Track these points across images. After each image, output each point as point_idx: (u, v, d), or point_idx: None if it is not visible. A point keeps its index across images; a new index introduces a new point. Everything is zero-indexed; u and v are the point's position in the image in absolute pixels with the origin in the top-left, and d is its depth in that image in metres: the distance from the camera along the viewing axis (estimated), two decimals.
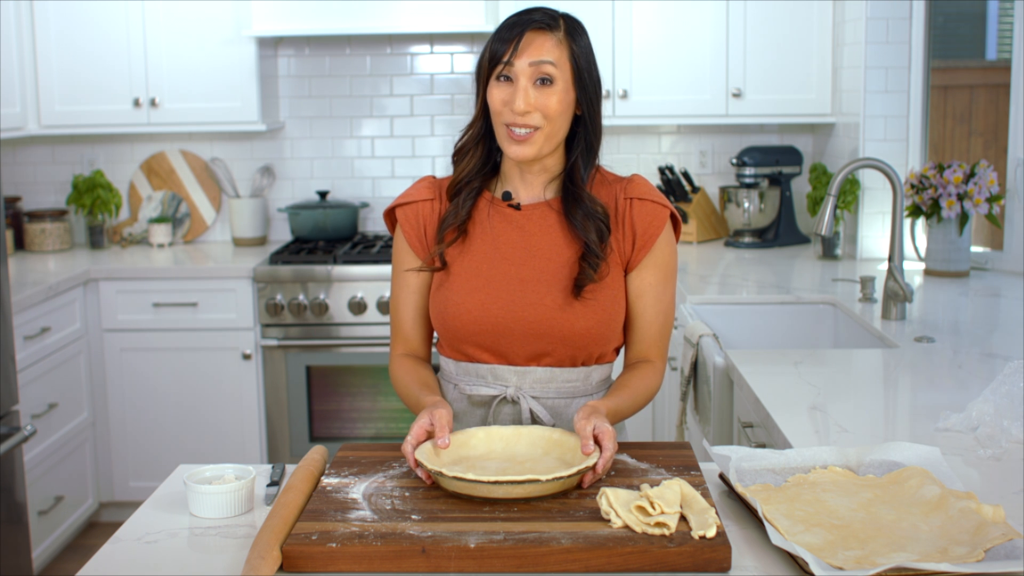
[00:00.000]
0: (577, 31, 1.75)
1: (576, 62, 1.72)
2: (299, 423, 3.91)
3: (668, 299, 1.82)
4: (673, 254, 1.81)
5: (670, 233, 1.80)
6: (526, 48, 1.70)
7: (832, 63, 3.97)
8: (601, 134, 1.80)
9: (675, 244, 1.82)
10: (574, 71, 1.72)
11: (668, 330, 1.83)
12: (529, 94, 1.70)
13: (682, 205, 4.22)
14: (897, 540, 1.32)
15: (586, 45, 1.75)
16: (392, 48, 4.39)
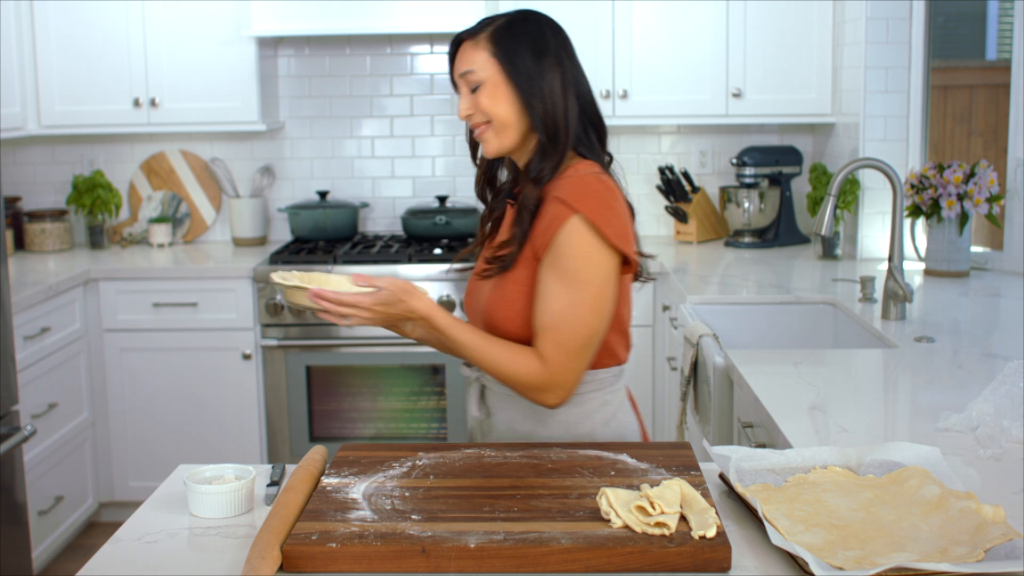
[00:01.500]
0: (503, 30, 1.86)
1: (498, 59, 1.83)
2: (299, 423, 3.91)
3: (561, 302, 1.76)
4: (574, 258, 1.76)
5: (574, 236, 1.76)
6: (458, 62, 1.87)
7: (832, 63, 3.97)
8: (567, 125, 1.83)
9: (582, 246, 1.75)
10: (501, 67, 1.83)
11: (559, 334, 1.76)
12: (464, 102, 1.86)
13: (682, 205, 4.22)
14: (897, 540, 1.32)
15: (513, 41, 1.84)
16: (392, 48, 4.39)
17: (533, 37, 1.86)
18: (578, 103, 1.86)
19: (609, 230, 1.76)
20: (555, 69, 1.84)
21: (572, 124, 1.84)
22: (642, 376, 3.87)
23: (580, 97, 1.86)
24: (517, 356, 1.79)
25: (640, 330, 3.84)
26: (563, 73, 1.85)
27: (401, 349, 3.86)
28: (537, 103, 1.82)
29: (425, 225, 4.16)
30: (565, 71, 1.85)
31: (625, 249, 1.78)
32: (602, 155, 1.90)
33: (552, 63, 1.84)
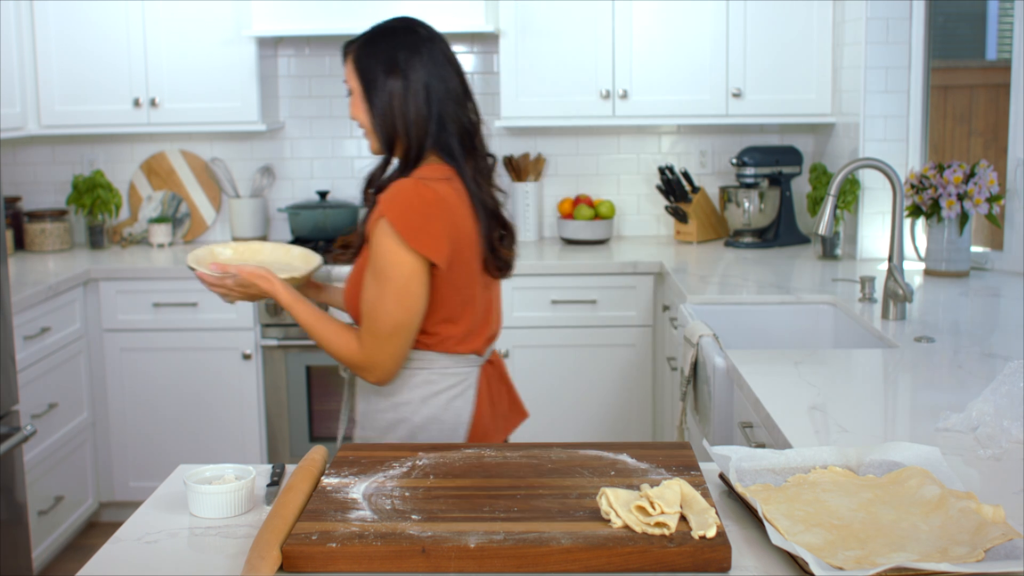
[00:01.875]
0: (363, 46, 2.10)
1: (358, 72, 2.08)
2: (299, 423, 3.91)
3: (370, 294, 1.98)
4: (380, 256, 1.96)
5: (380, 237, 1.96)
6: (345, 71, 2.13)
7: (832, 63, 3.97)
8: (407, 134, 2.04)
9: (386, 246, 1.95)
10: (360, 80, 2.08)
11: (369, 322, 1.99)
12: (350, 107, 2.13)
13: (682, 205, 4.22)
14: (897, 540, 1.32)
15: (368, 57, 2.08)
16: None
17: (386, 52, 2.07)
18: (429, 109, 2.03)
19: (409, 235, 1.94)
20: (399, 81, 2.04)
21: (415, 130, 2.03)
22: (642, 376, 3.87)
23: (436, 103, 2.04)
24: (341, 336, 2.03)
25: (640, 330, 3.85)
26: (409, 83, 2.03)
27: None
28: (378, 114, 2.06)
29: None
30: (411, 81, 2.03)
31: (424, 252, 1.94)
32: (463, 158, 2.06)
33: (397, 76, 2.04)
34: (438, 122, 2.04)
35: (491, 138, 4.72)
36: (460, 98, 2.09)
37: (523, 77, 4.04)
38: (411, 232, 1.94)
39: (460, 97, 2.09)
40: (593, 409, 3.90)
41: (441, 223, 1.97)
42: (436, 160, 2.06)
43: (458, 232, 2.01)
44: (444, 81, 2.06)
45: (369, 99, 2.06)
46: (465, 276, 2.04)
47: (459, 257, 2.01)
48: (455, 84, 2.08)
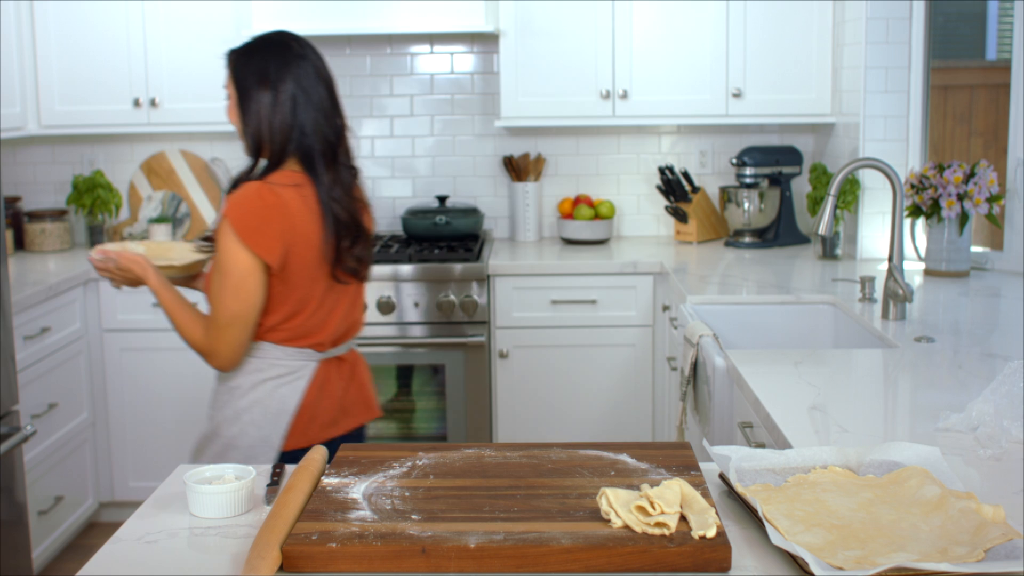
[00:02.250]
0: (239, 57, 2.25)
1: (233, 80, 2.24)
2: None
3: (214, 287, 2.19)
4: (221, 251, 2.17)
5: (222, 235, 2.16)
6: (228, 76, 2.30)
7: (832, 63, 3.97)
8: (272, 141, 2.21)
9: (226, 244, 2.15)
10: (235, 88, 2.24)
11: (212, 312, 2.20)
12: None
13: (682, 205, 4.22)
14: (897, 540, 1.32)
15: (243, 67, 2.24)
16: (392, 48, 4.39)
17: (260, 64, 2.22)
18: (295, 121, 2.20)
19: (246, 234, 2.13)
20: (268, 93, 2.20)
21: (278, 136, 2.20)
22: (642, 376, 3.87)
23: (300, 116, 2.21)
24: (192, 324, 2.23)
25: (640, 330, 3.85)
26: (278, 95, 2.20)
27: (401, 349, 3.86)
28: (249, 122, 2.22)
29: (425, 225, 4.16)
30: (280, 93, 2.20)
31: (258, 252, 2.13)
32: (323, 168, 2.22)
33: (267, 88, 2.20)
34: (301, 132, 2.21)
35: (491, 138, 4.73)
36: (327, 111, 2.25)
37: (523, 77, 4.04)
38: (248, 232, 2.13)
39: (327, 110, 2.25)
40: (593, 409, 3.90)
41: (278, 225, 2.15)
42: (294, 166, 2.23)
43: (295, 236, 2.17)
44: (310, 95, 2.23)
45: (242, 106, 2.23)
46: (303, 277, 2.22)
47: (296, 259, 2.19)
48: (322, 97, 2.25)
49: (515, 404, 3.90)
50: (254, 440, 2.26)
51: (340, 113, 2.29)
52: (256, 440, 2.26)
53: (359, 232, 2.29)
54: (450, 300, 3.80)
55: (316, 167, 2.22)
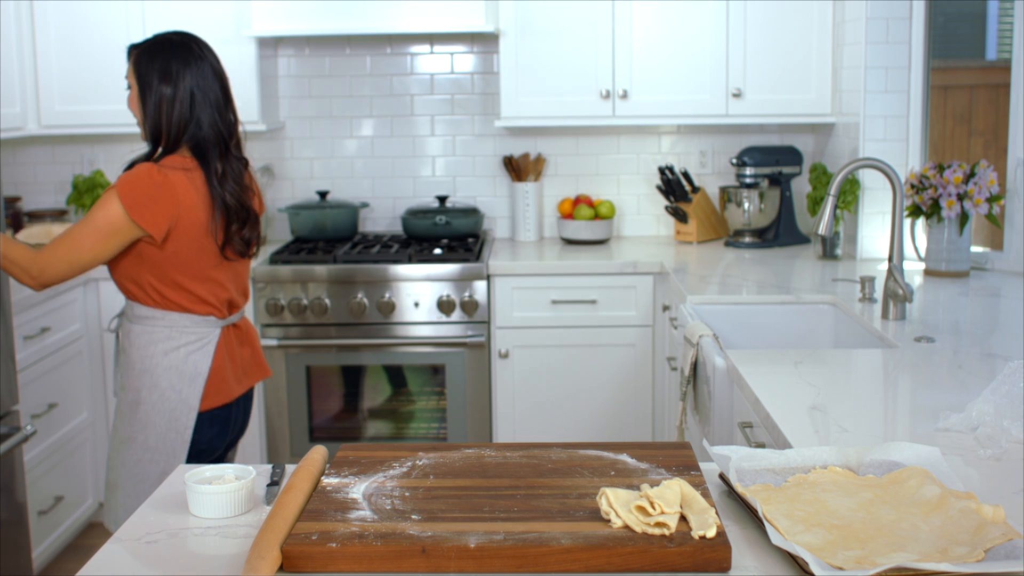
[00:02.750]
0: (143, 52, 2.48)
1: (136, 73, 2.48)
2: (299, 423, 3.91)
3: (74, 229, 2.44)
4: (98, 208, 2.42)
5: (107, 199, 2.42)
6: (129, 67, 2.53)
7: (832, 63, 3.97)
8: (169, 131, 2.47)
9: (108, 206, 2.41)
10: (137, 80, 2.48)
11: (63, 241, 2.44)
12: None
13: (682, 205, 4.22)
14: (897, 540, 1.32)
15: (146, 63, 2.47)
16: (392, 48, 4.39)
17: (160, 62, 2.46)
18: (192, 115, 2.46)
19: (132, 208, 2.39)
20: (169, 89, 2.45)
21: (175, 131, 2.46)
22: (642, 376, 3.87)
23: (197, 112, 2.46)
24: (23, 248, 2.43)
25: (640, 330, 3.85)
26: (177, 91, 2.45)
27: (401, 349, 3.86)
28: (150, 113, 2.48)
29: (425, 225, 4.16)
30: (180, 90, 2.45)
31: (142, 224, 2.39)
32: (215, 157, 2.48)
33: (168, 84, 2.45)
34: (196, 124, 2.46)
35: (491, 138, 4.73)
36: (221, 107, 2.51)
37: (523, 77, 4.04)
38: (134, 206, 2.39)
39: (221, 107, 2.51)
40: (593, 409, 3.90)
41: (164, 204, 2.41)
42: (186, 153, 2.49)
43: (180, 214, 2.43)
44: (207, 92, 2.48)
45: (143, 98, 2.48)
46: (191, 251, 2.47)
47: (181, 234, 2.44)
48: (217, 95, 2.50)
49: (515, 404, 3.90)
50: (174, 403, 2.50)
51: (233, 109, 2.55)
52: (176, 403, 2.50)
53: (248, 216, 2.55)
54: (450, 300, 3.80)
55: (208, 157, 2.48)
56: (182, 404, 2.52)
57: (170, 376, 2.51)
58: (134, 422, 2.52)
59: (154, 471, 2.56)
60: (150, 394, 2.50)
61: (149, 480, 2.56)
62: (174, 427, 2.53)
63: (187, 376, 2.52)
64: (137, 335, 2.52)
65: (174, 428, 2.53)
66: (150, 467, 2.56)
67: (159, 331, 2.51)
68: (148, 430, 2.52)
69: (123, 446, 2.55)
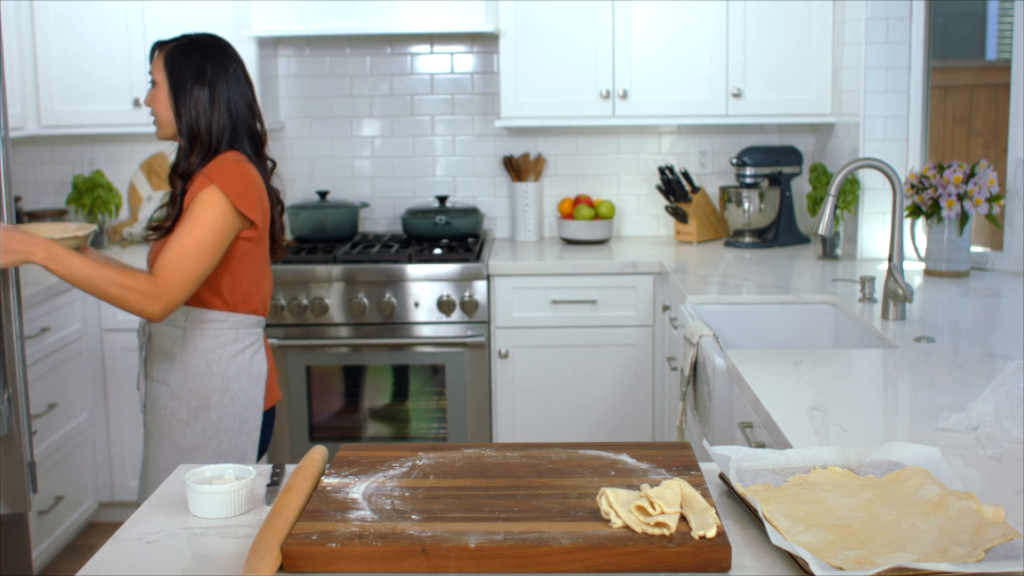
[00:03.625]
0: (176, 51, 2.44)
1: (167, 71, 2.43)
2: (299, 423, 3.91)
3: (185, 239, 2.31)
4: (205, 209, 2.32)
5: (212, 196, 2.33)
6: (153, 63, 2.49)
7: (832, 63, 3.97)
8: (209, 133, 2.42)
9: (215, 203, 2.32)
10: (168, 78, 2.43)
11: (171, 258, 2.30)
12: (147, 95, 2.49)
13: (682, 205, 4.22)
14: (897, 540, 1.32)
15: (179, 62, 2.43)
16: (392, 48, 4.39)
17: (195, 62, 2.43)
18: (230, 118, 2.44)
19: (237, 198, 2.33)
20: (206, 90, 2.42)
21: (216, 132, 2.42)
22: (642, 376, 3.87)
23: (235, 114, 2.45)
24: (129, 273, 2.29)
25: (640, 330, 3.85)
26: (215, 94, 2.43)
27: (401, 349, 3.86)
28: (185, 115, 2.42)
29: (425, 225, 4.16)
30: (217, 92, 2.43)
31: (248, 213, 2.36)
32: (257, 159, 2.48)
33: (204, 85, 2.42)
34: (234, 130, 2.45)
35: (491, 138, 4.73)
36: (254, 112, 2.51)
37: (523, 77, 4.04)
38: (238, 196, 2.34)
39: (254, 111, 2.51)
40: (593, 409, 3.90)
41: (257, 192, 2.40)
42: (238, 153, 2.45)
43: (264, 205, 2.44)
44: (243, 97, 2.48)
45: (176, 98, 2.43)
46: (265, 246, 2.49)
47: (263, 227, 2.44)
48: (251, 100, 2.50)
49: (515, 404, 3.90)
50: (244, 405, 2.47)
51: (260, 116, 2.54)
52: (245, 405, 2.47)
53: (281, 208, 2.59)
54: (450, 300, 3.80)
55: (262, 156, 2.51)
56: (251, 405, 2.49)
57: (240, 378, 2.47)
58: (202, 429, 2.45)
59: None
60: (221, 398, 2.45)
61: None
62: (244, 429, 2.49)
63: (254, 377, 2.50)
64: (198, 339, 2.45)
65: (244, 431, 2.49)
66: None
67: (225, 333, 2.47)
68: (221, 435, 2.46)
69: (188, 456, 2.46)
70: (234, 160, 2.41)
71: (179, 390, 2.46)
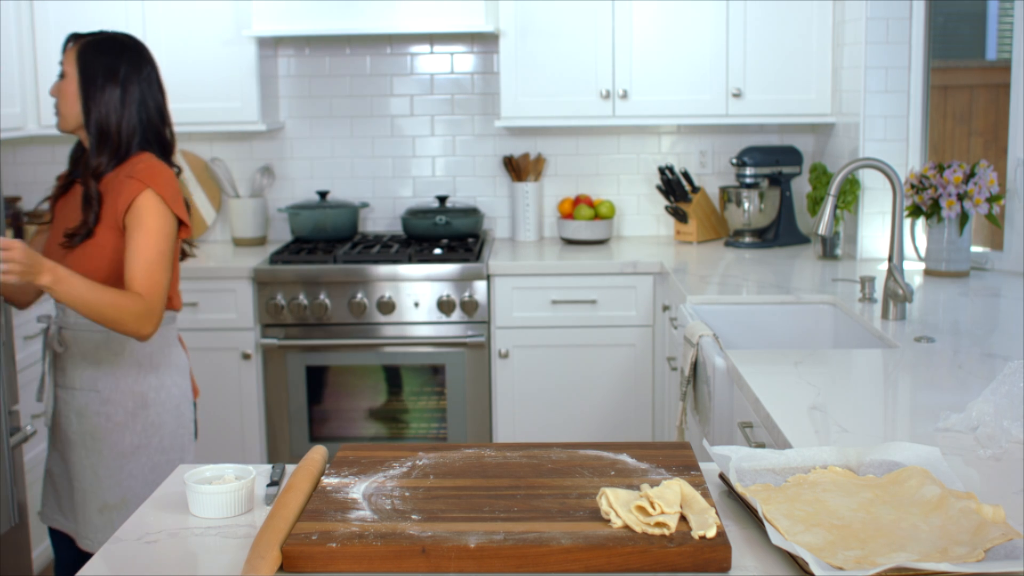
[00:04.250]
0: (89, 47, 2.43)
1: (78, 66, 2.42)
2: (299, 423, 3.92)
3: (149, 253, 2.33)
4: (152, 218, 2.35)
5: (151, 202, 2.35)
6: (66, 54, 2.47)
7: (832, 63, 3.97)
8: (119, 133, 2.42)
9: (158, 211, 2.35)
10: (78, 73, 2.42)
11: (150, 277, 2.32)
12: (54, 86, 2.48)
13: (682, 205, 4.22)
14: (897, 540, 1.32)
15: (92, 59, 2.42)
16: (392, 48, 4.39)
17: (109, 60, 2.43)
18: (140, 121, 2.44)
19: (172, 202, 2.38)
20: (117, 90, 2.42)
21: (125, 132, 2.42)
22: (642, 376, 3.87)
23: (145, 118, 2.45)
24: (124, 297, 2.27)
25: (640, 330, 3.85)
26: (126, 94, 2.43)
27: (401, 349, 3.86)
28: (94, 112, 2.41)
29: (425, 225, 4.16)
30: (129, 93, 2.43)
31: (181, 216, 2.41)
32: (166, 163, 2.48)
33: (116, 84, 2.42)
34: (143, 134, 2.45)
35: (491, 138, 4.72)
36: (164, 118, 2.52)
37: (523, 77, 4.04)
38: (171, 198, 2.38)
39: (164, 118, 2.52)
40: (593, 409, 3.90)
41: (181, 194, 2.45)
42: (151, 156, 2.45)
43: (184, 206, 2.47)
44: (155, 102, 2.49)
45: (85, 94, 2.42)
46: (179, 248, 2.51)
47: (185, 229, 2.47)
48: (162, 106, 2.51)
49: (515, 404, 3.90)
50: (178, 398, 2.52)
51: (170, 123, 2.56)
52: (179, 398, 2.52)
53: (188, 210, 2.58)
54: (450, 300, 3.80)
55: (168, 161, 2.51)
56: (183, 397, 2.55)
57: (171, 372, 2.52)
58: (143, 428, 2.48)
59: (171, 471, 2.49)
60: (157, 394, 2.49)
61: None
62: (181, 422, 2.54)
63: (181, 369, 2.56)
64: (125, 340, 2.46)
65: (181, 423, 2.54)
66: (167, 468, 2.50)
67: (175, 333, 2.56)
68: (162, 431, 2.49)
69: (131, 458, 2.47)
70: (159, 163, 2.43)
71: (111, 394, 2.45)
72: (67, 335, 2.49)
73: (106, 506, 2.49)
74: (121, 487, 2.48)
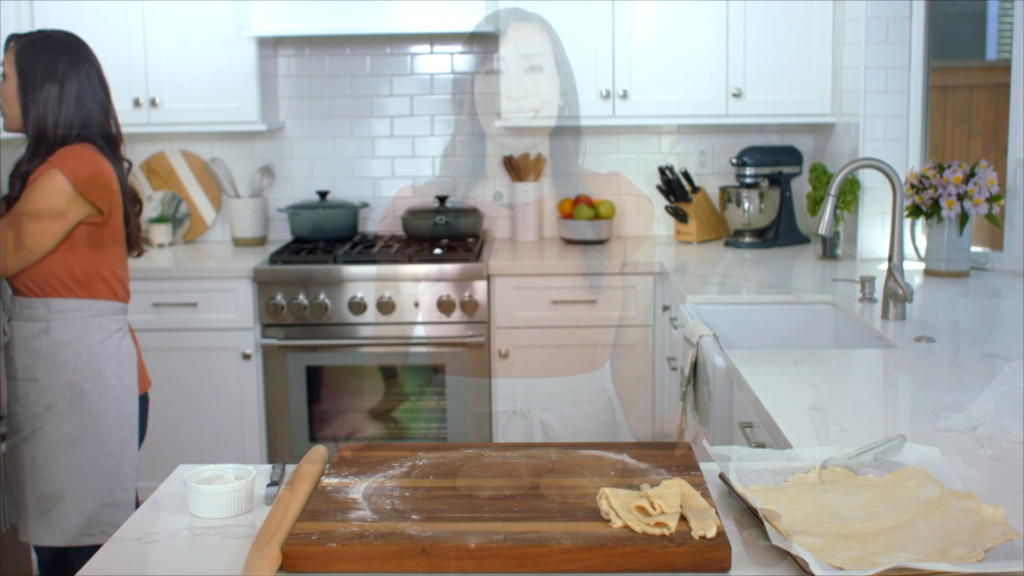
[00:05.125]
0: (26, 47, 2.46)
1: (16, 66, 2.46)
2: (299, 423, 3.91)
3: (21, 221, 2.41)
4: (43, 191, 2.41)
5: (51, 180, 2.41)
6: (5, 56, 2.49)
7: (832, 63, 3.97)
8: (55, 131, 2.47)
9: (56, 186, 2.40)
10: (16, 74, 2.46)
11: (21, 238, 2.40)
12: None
13: (682, 205, 4.22)
14: (897, 540, 1.32)
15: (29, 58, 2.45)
16: (392, 48, 4.39)
17: (47, 59, 2.46)
18: (79, 117, 2.48)
19: (80, 184, 2.40)
20: (55, 88, 2.46)
21: (62, 132, 2.46)
22: (642, 376, 3.87)
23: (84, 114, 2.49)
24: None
25: (640, 330, 3.84)
26: (64, 92, 2.46)
27: (401, 349, 3.86)
28: (33, 111, 2.45)
29: (425, 225, 4.16)
30: (67, 91, 2.47)
31: (92, 199, 2.43)
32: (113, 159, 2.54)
33: (54, 83, 2.46)
34: (82, 127, 2.48)
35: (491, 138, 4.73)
36: (108, 114, 2.58)
37: None
38: (82, 182, 2.40)
39: (108, 113, 2.58)
40: None
41: (105, 182, 2.46)
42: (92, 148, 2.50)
43: (114, 196, 2.50)
44: (95, 99, 2.52)
45: (24, 94, 2.47)
46: (119, 236, 2.55)
47: (114, 218, 2.51)
48: (104, 102, 2.56)
49: None
50: (119, 391, 2.51)
51: (115, 117, 2.62)
52: (120, 390, 2.51)
53: (140, 213, 2.67)
54: (450, 300, 3.80)
55: (116, 154, 2.56)
56: (125, 390, 2.54)
57: (111, 363, 2.52)
58: (80, 419, 2.48)
59: (110, 464, 2.51)
60: (95, 385, 2.49)
61: (106, 475, 2.50)
62: (122, 415, 2.53)
63: (124, 361, 2.55)
64: (63, 329, 2.48)
65: (123, 416, 2.53)
66: (105, 461, 2.51)
67: (90, 321, 2.53)
68: (99, 423, 2.49)
69: (67, 449, 2.48)
70: (81, 149, 2.46)
71: (50, 384, 2.48)
72: (13, 325, 2.53)
73: (44, 496, 2.49)
74: (58, 478, 2.48)
